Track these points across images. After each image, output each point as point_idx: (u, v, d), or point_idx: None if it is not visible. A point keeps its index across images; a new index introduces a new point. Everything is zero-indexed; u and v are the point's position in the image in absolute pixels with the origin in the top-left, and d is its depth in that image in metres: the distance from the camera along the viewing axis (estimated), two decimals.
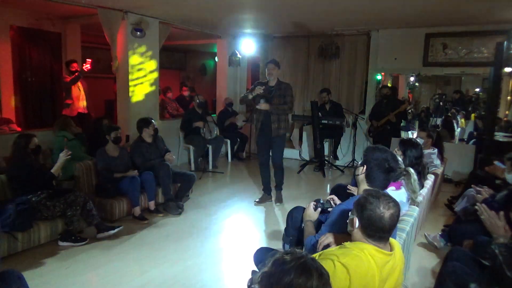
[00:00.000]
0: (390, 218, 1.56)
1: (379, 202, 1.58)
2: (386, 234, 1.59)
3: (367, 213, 1.57)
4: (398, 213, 1.60)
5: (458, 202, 4.24)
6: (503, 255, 1.93)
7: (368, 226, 1.58)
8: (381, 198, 1.59)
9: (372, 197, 1.60)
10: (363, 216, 1.59)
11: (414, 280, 3.04)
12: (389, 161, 2.06)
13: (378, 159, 2.05)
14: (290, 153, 7.81)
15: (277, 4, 4.89)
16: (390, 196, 1.65)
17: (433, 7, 4.83)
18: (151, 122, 4.53)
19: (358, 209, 1.62)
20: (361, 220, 1.60)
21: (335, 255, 1.55)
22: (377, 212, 1.56)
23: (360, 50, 6.88)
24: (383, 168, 2.04)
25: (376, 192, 1.65)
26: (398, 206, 1.62)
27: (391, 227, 1.58)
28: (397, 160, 2.14)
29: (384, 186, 2.09)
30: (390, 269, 1.59)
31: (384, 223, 1.56)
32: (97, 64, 8.05)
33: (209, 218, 4.34)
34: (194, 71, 11.02)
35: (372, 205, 1.57)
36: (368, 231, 1.59)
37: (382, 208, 1.56)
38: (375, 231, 1.57)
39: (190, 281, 2.97)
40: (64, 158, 3.51)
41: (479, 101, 7.63)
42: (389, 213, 1.56)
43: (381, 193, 1.64)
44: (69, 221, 3.47)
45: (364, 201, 1.61)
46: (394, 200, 1.62)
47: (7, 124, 5.43)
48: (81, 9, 5.31)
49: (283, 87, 4.52)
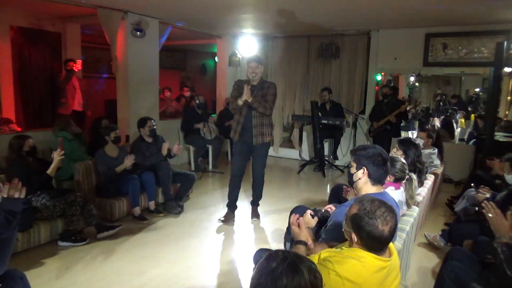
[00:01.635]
0: (390, 231, 1.51)
1: (376, 219, 1.49)
2: (387, 244, 1.57)
3: (365, 232, 1.51)
4: (396, 222, 1.56)
5: (458, 202, 4.24)
6: (504, 254, 1.93)
7: (369, 243, 1.53)
8: (377, 213, 1.50)
9: (367, 214, 1.51)
10: (362, 235, 1.52)
11: (414, 280, 3.05)
12: (381, 153, 2.04)
13: (372, 156, 2.02)
14: (290, 153, 7.83)
15: (277, 4, 4.88)
16: (385, 204, 1.56)
17: (433, 7, 4.83)
18: (146, 122, 4.51)
19: (355, 228, 1.54)
20: (361, 238, 1.54)
21: (331, 263, 1.52)
22: (376, 231, 1.49)
23: (360, 50, 6.88)
24: (378, 162, 2.01)
25: (370, 204, 1.54)
26: (395, 214, 1.57)
27: (391, 237, 1.55)
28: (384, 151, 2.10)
29: (383, 180, 2.07)
30: (387, 273, 1.57)
31: (386, 238, 1.51)
32: (97, 64, 8.10)
33: (209, 218, 4.33)
34: (194, 71, 11.02)
35: (369, 225, 1.50)
36: (368, 246, 1.54)
37: (380, 226, 1.49)
38: (376, 245, 1.53)
39: (190, 281, 2.97)
40: (58, 158, 3.49)
41: (479, 101, 7.64)
42: (388, 227, 1.50)
43: (376, 206, 1.53)
44: (69, 221, 3.47)
45: (360, 221, 1.52)
46: (390, 210, 1.54)
47: (7, 124, 5.43)
48: (81, 9, 5.31)
49: (266, 86, 3.96)
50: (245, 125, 3.96)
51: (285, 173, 6.80)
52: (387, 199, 2.05)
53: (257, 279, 1.19)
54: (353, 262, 1.52)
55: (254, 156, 4.10)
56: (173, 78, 10.05)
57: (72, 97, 5.93)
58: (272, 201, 4.93)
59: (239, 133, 3.99)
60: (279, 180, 6.29)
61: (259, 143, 3.96)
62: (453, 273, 2.18)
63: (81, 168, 4.17)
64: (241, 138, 4.00)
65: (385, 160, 2.04)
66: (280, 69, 7.71)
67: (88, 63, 7.69)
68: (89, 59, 7.78)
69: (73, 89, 5.93)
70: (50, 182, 3.60)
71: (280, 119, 7.84)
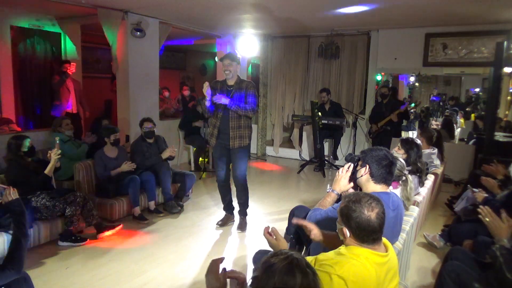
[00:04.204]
0: (377, 217, 1.56)
1: (362, 206, 1.56)
2: (378, 234, 1.59)
3: (354, 221, 1.56)
4: (383, 210, 1.60)
5: (458, 202, 4.24)
6: (504, 257, 1.93)
7: (360, 233, 1.57)
8: (362, 201, 1.58)
9: (353, 203, 1.58)
10: (351, 225, 1.57)
11: (414, 280, 3.05)
12: (387, 156, 2.09)
13: (377, 156, 2.08)
14: (290, 153, 7.83)
15: (277, 4, 4.88)
16: (370, 195, 1.64)
17: (433, 7, 4.83)
18: (143, 123, 4.52)
19: (344, 220, 1.60)
20: (351, 229, 1.58)
21: (331, 267, 1.53)
22: (363, 217, 1.55)
23: (360, 50, 6.88)
24: (384, 163, 2.06)
25: (355, 195, 1.62)
26: (381, 203, 1.62)
27: (381, 226, 1.58)
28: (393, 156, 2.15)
29: (389, 181, 2.11)
30: (386, 271, 1.58)
31: (374, 225, 1.55)
32: (97, 64, 8.09)
33: (209, 218, 4.34)
34: (194, 71, 11.02)
35: (355, 212, 1.56)
36: (360, 237, 1.57)
37: (366, 211, 1.55)
38: (367, 236, 1.57)
39: (190, 281, 2.97)
40: (55, 157, 3.49)
41: (479, 101, 7.64)
42: (374, 213, 1.56)
43: (360, 195, 1.62)
44: (69, 221, 3.47)
45: (347, 210, 1.59)
46: (375, 198, 1.61)
47: (7, 124, 5.43)
48: (81, 9, 5.31)
49: (245, 86, 3.71)
50: (221, 128, 3.75)
51: (285, 173, 6.79)
52: (392, 199, 2.06)
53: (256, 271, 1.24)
54: (352, 262, 1.53)
55: (233, 161, 3.84)
56: (173, 78, 10.05)
57: (66, 99, 5.92)
58: (272, 201, 4.94)
59: (216, 136, 3.80)
60: (279, 180, 6.29)
61: (236, 146, 3.73)
62: (453, 273, 2.18)
63: (81, 168, 4.17)
64: (218, 142, 3.81)
65: (390, 162, 2.08)
66: (280, 69, 7.71)
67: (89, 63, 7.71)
68: (89, 59, 7.79)
69: (67, 91, 5.92)
70: (50, 182, 3.60)
71: (280, 119, 7.84)
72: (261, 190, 5.41)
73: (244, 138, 3.76)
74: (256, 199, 4.95)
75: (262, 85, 7.80)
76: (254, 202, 4.87)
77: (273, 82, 7.86)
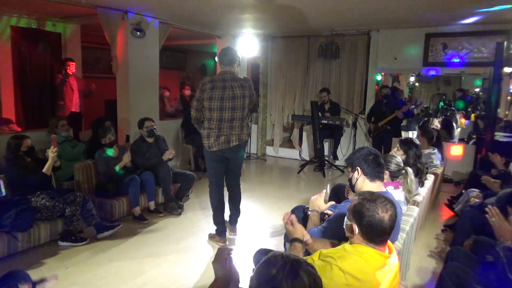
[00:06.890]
0: (390, 220, 1.55)
1: (376, 206, 1.55)
2: (387, 236, 1.59)
3: (366, 220, 1.55)
4: (396, 213, 1.60)
5: (458, 202, 4.24)
6: (507, 258, 1.93)
7: (369, 232, 1.56)
8: (377, 201, 1.57)
9: (368, 202, 1.58)
10: (363, 223, 1.56)
11: (414, 280, 3.05)
12: (370, 151, 2.14)
13: (362, 155, 2.13)
14: (290, 153, 7.82)
15: (277, 4, 4.88)
16: (385, 196, 1.63)
17: (433, 7, 4.83)
18: (144, 122, 4.51)
19: (356, 217, 1.59)
20: (361, 227, 1.57)
21: (334, 259, 1.54)
22: (376, 217, 1.54)
23: (360, 50, 6.87)
24: (370, 158, 2.11)
25: (371, 195, 1.62)
26: (395, 206, 1.62)
27: (392, 228, 1.58)
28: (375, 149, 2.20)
29: (382, 174, 2.14)
30: (387, 271, 1.59)
31: (385, 226, 1.55)
32: (97, 64, 8.08)
33: (209, 218, 4.31)
34: (194, 71, 11.02)
35: (369, 211, 1.55)
36: (369, 236, 1.57)
37: (380, 212, 1.54)
38: (377, 236, 1.56)
39: (190, 281, 2.97)
40: (52, 155, 3.48)
41: (479, 101, 7.64)
42: (388, 215, 1.55)
43: (376, 195, 1.61)
44: (69, 221, 3.47)
45: (361, 208, 1.58)
46: (390, 201, 1.61)
47: (7, 124, 5.43)
48: (81, 9, 5.31)
49: None
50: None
51: (285, 173, 6.79)
52: None
53: (256, 285, 1.19)
54: (355, 258, 1.54)
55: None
56: (173, 78, 10.06)
57: (69, 99, 5.90)
58: (272, 201, 4.93)
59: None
60: (279, 180, 6.29)
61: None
62: (454, 274, 2.18)
63: (81, 168, 4.17)
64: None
65: (375, 156, 2.13)
66: (280, 69, 7.71)
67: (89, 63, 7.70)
68: (89, 59, 7.79)
69: (70, 91, 5.90)
70: (49, 182, 3.60)
71: (280, 119, 7.84)
72: (261, 190, 5.41)
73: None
74: (256, 199, 4.95)
75: (262, 85, 7.80)
76: (254, 202, 4.87)
77: (273, 82, 7.86)
